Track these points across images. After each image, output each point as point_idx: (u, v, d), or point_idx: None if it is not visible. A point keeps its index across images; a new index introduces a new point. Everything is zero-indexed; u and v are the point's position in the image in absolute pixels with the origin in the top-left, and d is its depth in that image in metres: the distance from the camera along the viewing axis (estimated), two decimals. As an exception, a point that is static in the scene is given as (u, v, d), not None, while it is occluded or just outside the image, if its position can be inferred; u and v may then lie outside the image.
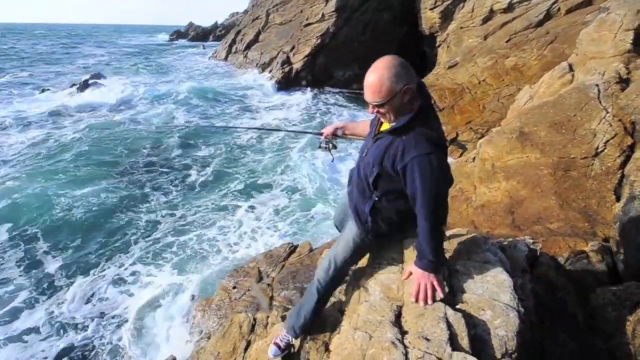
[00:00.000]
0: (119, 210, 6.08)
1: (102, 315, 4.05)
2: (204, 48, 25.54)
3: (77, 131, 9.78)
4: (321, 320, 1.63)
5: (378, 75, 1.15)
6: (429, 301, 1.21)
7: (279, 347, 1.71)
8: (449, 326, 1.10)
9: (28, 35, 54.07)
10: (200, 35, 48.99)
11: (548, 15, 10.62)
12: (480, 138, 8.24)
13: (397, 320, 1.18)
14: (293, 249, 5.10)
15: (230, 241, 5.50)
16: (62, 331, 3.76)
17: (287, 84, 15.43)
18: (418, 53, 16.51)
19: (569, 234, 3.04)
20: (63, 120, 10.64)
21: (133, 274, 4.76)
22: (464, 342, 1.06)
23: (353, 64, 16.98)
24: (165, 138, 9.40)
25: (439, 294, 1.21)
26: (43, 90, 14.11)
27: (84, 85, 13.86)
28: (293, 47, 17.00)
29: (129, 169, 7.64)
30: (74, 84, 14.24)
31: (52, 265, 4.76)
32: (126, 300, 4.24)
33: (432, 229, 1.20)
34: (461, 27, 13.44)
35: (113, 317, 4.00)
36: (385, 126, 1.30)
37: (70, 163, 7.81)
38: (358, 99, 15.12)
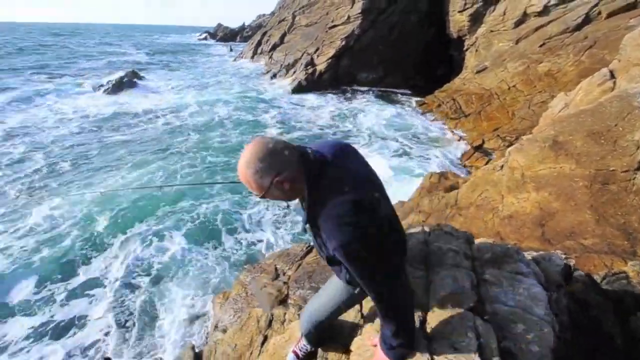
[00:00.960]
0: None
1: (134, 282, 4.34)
2: (231, 50, 26.25)
3: (113, 128, 10.34)
4: (340, 324, 1.62)
5: (241, 172, 1.00)
6: None
7: (297, 356, 1.69)
8: (478, 336, 1.06)
9: (73, 34, 57.94)
10: (228, 36, 50.47)
11: (587, 19, 10.05)
12: (508, 146, 7.91)
13: (422, 327, 1.16)
14: (310, 248, 5.11)
15: (251, 234, 5.60)
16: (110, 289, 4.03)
17: (310, 85, 15.55)
18: (445, 56, 16.13)
19: (605, 252, 2.86)
20: (100, 116, 11.27)
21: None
22: (494, 354, 1.02)
23: (377, 66, 16.86)
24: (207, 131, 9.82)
25: None
26: (82, 85, 15.03)
27: (120, 82, 14.64)
28: (317, 49, 17.11)
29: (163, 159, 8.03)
30: (110, 80, 15.06)
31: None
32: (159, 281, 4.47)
33: (387, 314, 1.03)
34: (491, 31, 12.99)
35: (149, 292, 4.25)
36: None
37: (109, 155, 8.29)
38: (388, 97, 14.99)
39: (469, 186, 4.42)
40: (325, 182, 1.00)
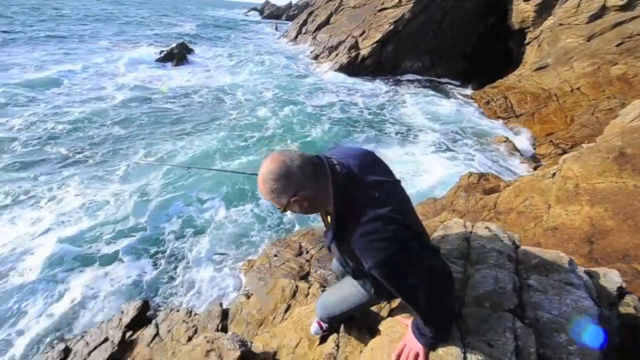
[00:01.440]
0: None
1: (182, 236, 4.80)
2: (276, 28, 26.12)
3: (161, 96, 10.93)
4: (364, 311, 1.65)
5: (260, 189, 0.99)
6: None
7: (320, 327, 1.77)
8: (516, 338, 1.03)
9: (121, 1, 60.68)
10: (275, 14, 50.32)
11: (683, 18, 8.66)
12: (561, 154, 7.25)
13: (457, 320, 1.14)
14: None
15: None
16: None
17: (351, 69, 15.17)
18: (501, 49, 14.85)
19: (663, 280, 2.58)
20: (147, 84, 11.91)
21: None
22: (532, 358, 0.99)
23: (424, 55, 15.99)
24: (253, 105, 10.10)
25: None
26: (133, 54, 15.85)
27: (171, 54, 15.27)
28: (363, 32, 16.52)
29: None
30: (162, 50, 15.76)
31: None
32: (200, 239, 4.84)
33: (430, 314, 1.01)
34: (560, 24, 11.66)
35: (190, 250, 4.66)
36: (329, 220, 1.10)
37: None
38: (435, 87, 14.25)
39: (513, 191, 4.15)
40: (354, 196, 0.97)
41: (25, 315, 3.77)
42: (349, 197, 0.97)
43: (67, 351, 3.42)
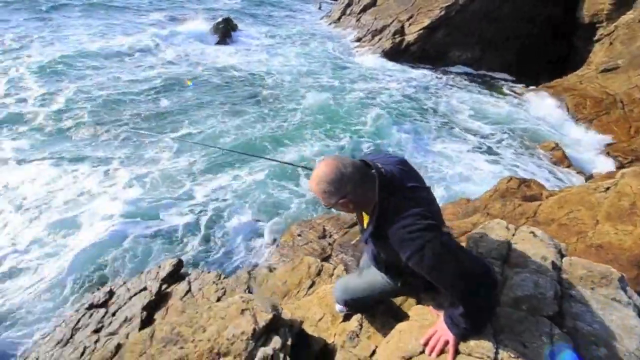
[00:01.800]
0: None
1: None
2: (320, 8, 25.47)
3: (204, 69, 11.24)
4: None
5: (312, 188, 1.16)
6: (434, 354, 1.10)
7: (345, 304, 1.83)
8: (552, 344, 1.02)
9: None
10: (319, -9, 48.94)
11: None
12: (619, 168, 6.60)
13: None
14: None
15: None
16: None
17: (393, 55, 14.57)
18: (564, 45, 13.45)
19: None
20: (191, 59, 12.19)
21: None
22: (567, 365, 0.98)
23: (475, 45, 14.90)
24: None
25: (449, 357, 1.07)
26: (177, 28, 16.26)
27: (217, 29, 15.50)
28: (411, 17, 15.66)
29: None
30: (208, 25, 16.01)
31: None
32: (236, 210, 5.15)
33: (469, 307, 1.03)
34: (642, 21, 10.28)
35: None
36: (366, 219, 1.24)
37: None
38: (485, 81, 13.34)
39: (557, 201, 3.90)
40: (395, 198, 1.10)
41: (77, 261, 4.28)
42: (391, 199, 1.10)
43: (111, 293, 3.85)
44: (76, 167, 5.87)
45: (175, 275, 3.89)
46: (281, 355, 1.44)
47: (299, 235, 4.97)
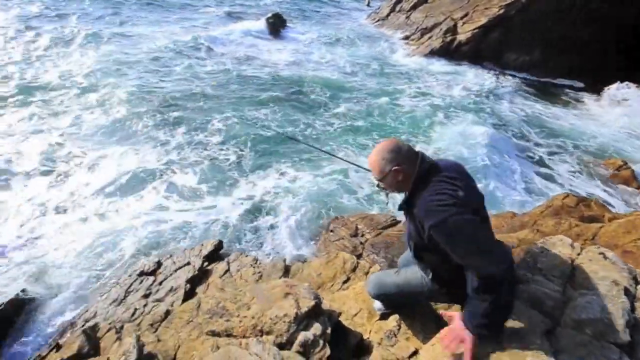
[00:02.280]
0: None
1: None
2: (368, 4, 25.05)
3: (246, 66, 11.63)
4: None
5: (371, 157, 1.34)
6: (447, 351, 1.16)
7: (380, 300, 1.86)
8: (622, 374, 0.95)
9: None
10: (368, -13, 48.10)
11: None
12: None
13: (548, 336, 1.10)
14: (395, 222, 5.13)
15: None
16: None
17: (443, 55, 13.92)
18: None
19: None
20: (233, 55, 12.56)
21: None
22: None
23: (535, 48, 13.72)
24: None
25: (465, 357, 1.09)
26: (234, 21, 16.97)
27: (268, 23, 15.90)
28: (466, 15, 14.81)
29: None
30: (259, 22, 16.44)
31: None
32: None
33: (486, 291, 1.06)
34: None
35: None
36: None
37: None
38: (544, 88, 12.25)
39: (623, 225, 3.49)
40: (430, 176, 1.24)
41: (130, 232, 4.74)
42: (429, 177, 1.24)
43: (159, 264, 4.23)
44: (139, 149, 6.51)
45: (215, 254, 4.16)
46: (321, 341, 1.50)
47: (332, 231, 5.02)
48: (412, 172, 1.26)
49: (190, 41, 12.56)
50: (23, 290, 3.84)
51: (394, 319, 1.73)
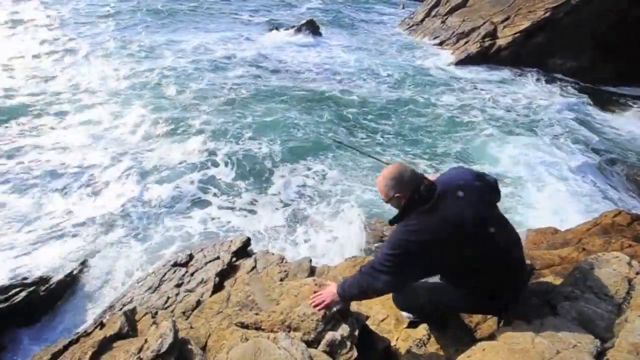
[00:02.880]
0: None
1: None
2: (403, 8, 24.77)
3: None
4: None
5: (378, 181, 1.51)
6: (314, 307, 1.63)
7: (407, 310, 1.85)
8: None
9: None
10: (404, -9, 47.57)
11: None
12: None
13: (599, 358, 1.01)
14: None
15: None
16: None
17: (480, 60, 13.36)
18: None
19: None
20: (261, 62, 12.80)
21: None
22: None
23: (584, 52, 12.77)
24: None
25: (320, 306, 1.60)
26: (273, 29, 17.47)
27: (300, 30, 16.21)
28: (507, 18, 14.15)
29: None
30: (292, 27, 16.82)
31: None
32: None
33: (360, 276, 1.52)
34: None
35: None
36: None
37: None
38: (599, 95, 11.15)
39: (687, 247, 3.11)
40: (411, 212, 1.41)
41: (167, 225, 5.04)
42: (411, 206, 1.40)
43: (191, 256, 4.44)
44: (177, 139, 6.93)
45: (243, 251, 4.29)
46: (348, 343, 1.50)
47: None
48: (407, 199, 1.41)
49: (222, 51, 12.93)
50: (70, 273, 4.21)
51: (423, 328, 1.68)
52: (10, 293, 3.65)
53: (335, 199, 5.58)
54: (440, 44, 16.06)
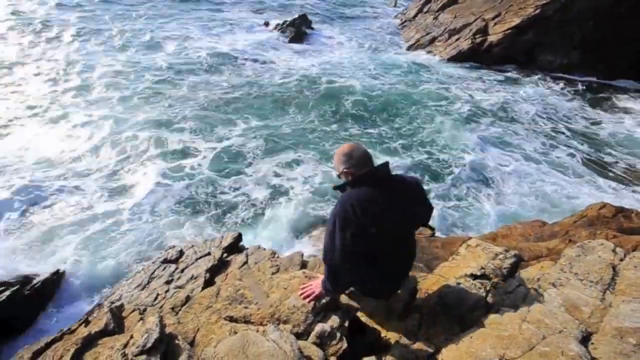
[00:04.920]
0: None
1: None
2: (395, 5, 24.72)
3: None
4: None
5: (333, 158, 1.66)
6: (304, 299, 1.68)
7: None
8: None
9: None
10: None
11: None
12: None
13: (584, 343, 1.02)
14: (433, 235, 5.03)
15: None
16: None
17: (471, 57, 13.46)
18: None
19: None
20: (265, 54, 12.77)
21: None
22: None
23: (574, 49, 12.97)
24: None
25: (309, 298, 1.65)
26: (266, 24, 17.13)
27: (293, 24, 15.94)
28: (498, 15, 14.26)
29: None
30: (284, 22, 16.43)
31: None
32: None
33: (324, 258, 1.59)
34: None
35: None
36: None
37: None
38: (589, 93, 11.15)
39: (669, 237, 3.20)
40: (360, 185, 1.54)
41: (160, 219, 4.95)
42: (359, 181, 1.54)
43: (181, 253, 4.38)
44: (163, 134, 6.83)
45: (235, 247, 4.24)
46: (338, 334, 1.48)
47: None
48: (355, 174, 1.55)
49: (210, 44, 12.64)
50: (57, 272, 4.11)
51: (414, 318, 1.68)
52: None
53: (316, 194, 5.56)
54: (432, 40, 16.11)
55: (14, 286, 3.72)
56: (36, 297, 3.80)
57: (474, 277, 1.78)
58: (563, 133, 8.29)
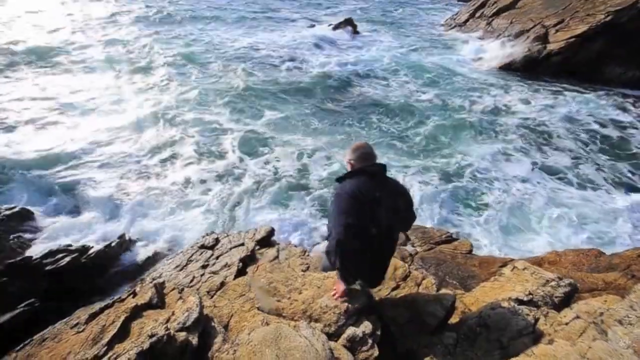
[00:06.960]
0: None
1: None
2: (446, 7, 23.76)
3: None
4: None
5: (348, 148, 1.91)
6: (335, 298, 1.72)
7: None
8: None
9: None
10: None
11: None
12: None
13: None
14: (450, 239, 4.80)
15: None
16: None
17: (527, 67, 12.51)
18: None
19: None
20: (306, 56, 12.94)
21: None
22: None
23: (650, 62, 11.53)
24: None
25: (338, 294, 1.71)
26: (312, 26, 17.51)
27: (335, 28, 16.12)
28: (561, 22, 13.11)
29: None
30: (330, 24, 16.72)
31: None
32: None
33: (329, 243, 1.68)
34: None
35: None
36: None
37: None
38: None
39: None
40: (355, 176, 1.77)
41: (200, 210, 5.28)
42: (355, 174, 1.77)
43: (217, 240, 4.61)
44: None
45: (266, 241, 4.38)
46: (370, 340, 1.47)
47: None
48: (357, 167, 1.78)
49: (259, 45, 13.23)
50: (108, 245, 4.54)
51: (449, 337, 1.61)
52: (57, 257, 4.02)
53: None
54: (482, 46, 15.25)
55: (73, 253, 4.18)
56: (98, 261, 4.25)
57: (520, 302, 1.66)
58: (622, 160, 7.31)
